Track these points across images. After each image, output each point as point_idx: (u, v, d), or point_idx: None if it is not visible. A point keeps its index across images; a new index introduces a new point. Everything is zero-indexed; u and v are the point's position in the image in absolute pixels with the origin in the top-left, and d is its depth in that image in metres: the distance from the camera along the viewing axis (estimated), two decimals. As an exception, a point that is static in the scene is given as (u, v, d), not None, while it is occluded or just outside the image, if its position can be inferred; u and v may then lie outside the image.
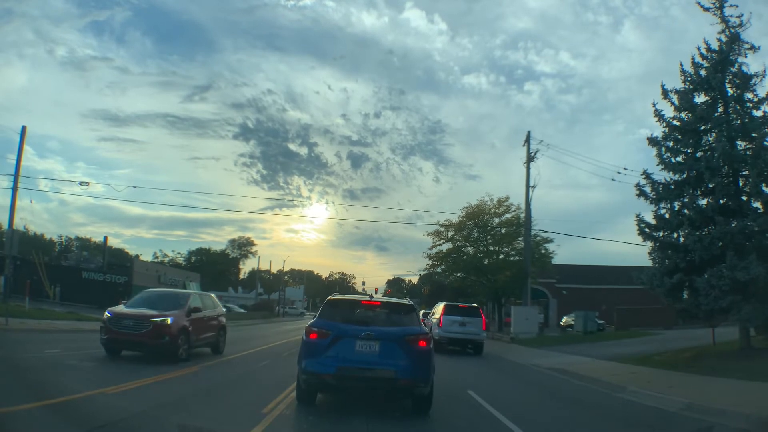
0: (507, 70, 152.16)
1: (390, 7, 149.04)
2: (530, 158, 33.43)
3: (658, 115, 18.69)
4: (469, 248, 41.89)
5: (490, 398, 10.46)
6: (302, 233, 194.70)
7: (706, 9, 18.42)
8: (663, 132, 18.69)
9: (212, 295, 18.00)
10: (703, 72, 18.14)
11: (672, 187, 18.21)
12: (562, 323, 47.59)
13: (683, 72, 18.52)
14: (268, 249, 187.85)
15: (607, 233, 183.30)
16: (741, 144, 17.47)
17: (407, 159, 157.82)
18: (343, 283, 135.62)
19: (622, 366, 16.66)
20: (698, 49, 18.40)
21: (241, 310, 63.21)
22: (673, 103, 18.66)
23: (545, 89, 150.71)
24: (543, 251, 39.07)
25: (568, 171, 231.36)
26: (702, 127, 17.99)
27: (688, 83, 18.44)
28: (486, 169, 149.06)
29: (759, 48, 17.95)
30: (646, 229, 18.63)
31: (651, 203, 18.68)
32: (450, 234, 41.62)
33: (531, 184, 33.44)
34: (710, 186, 17.43)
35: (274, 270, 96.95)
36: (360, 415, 8.24)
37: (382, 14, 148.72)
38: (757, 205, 17.07)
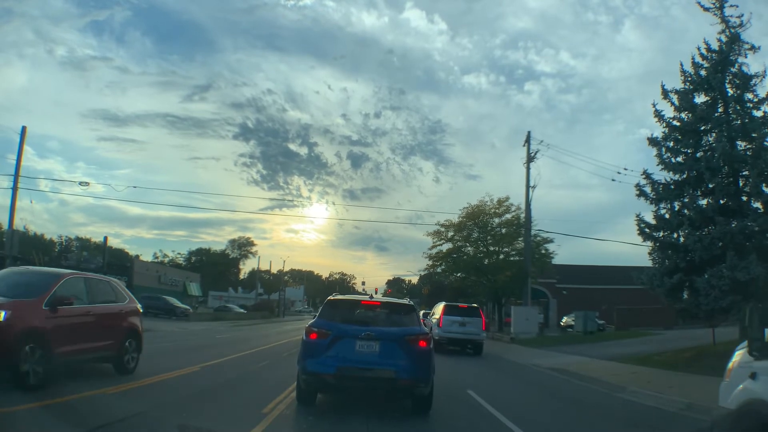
0: (507, 69, 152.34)
1: (390, 7, 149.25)
2: (530, 158, 33.47)
3: (658, 115, 18.72)
4: (469, 248, 41.92)
5: (490, 398, 10.46)
6: (302, 233, 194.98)
7: (707, 9, 18.45)
8: (663, 132, 18.73)
9: (114, 280, 11.87)
10: (703, 72, 18.15)
11: (672, 187, 18.23)
12: (562, 323, 47.60)
13: (683, 72, 18.54)
14: (268, 249, 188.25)
15: (607, 233, 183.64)
16: (741, 144, 17.49)
17: (407, 159, 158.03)
18: (343, 283, 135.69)
19: (622, 366, 16.66)
20: (698, 49, 18.45)
21: (241, 310, 63.33)
22: (673, 104, 18.68)
23: (545, 89, 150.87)
24: (543, 251, 39.09)
25: (568, 171, 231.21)
26: (702, 128, 18.00)
27: (688, 83, 18.46)
28: (486, 169, 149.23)
29: (759, 48, 17.99)
30: (646, 229, 18.64)
31: (651, 203, 18.70)
32: (450, 234, 41.66)
33: (531, 184, 33.51)
34: (710, 186, 17.44)
35: (274, 270, 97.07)
36: (360, 415, 8.24)
37: (382, 14, 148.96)
38: (758, 205, 17.09)
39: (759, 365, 4.90)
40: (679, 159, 18.30)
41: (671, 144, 18.50)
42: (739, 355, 5.30)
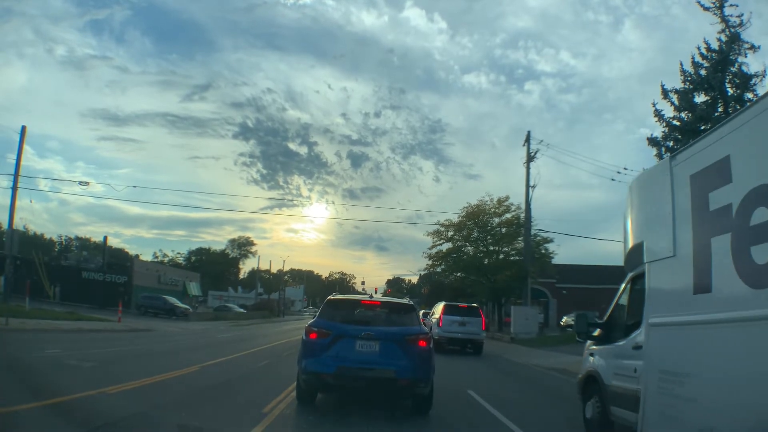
0: (507, 69, 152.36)
1: (390, 5, 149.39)
2: (530, 158, 33.48)
3: (658, 115, 18.72)
4: (469, 248, 41.92)
5: (490, 398, 10.46)
6: (302, 233, 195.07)
7: (707, 9, 18.42)
8: (663, 132, 18.73)
9: None
10: (703, 72, 18.15)
11: (672, 187, 18.21)
12: (562, 323, 47.57)
13: (683, 72, 18.54)
14: (268, 249, 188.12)
15: (607, 233, 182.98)
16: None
17: (407, 158, 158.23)
18: (343, 282, 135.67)
19: (622, 366, 16.64)
20: (698, 48, 18.45)
21: (241, 310, 63.28)
22: (673, 103, 18.67)
23: (545, 88, 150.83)
24: (543, 251, 39.06)
25: (568, 171, 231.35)
26: (702, 127, 17.97)
27: (688, 83, 18.45)
28: (486, 169, 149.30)
29: (759, 47, 17.98)
30: (646, 229, 18.63)
31: (651, 203, 18.68)
32: (450, 234, 41.66)
33: (531, 183, 33.53)
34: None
35: (274, 270, 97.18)
36: (360, 415, 8.25)
37: (382, 13, 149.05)
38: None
39: (594, 348, 7.32)
40: (679, 159, 18.30)
41: (671, 144, 18.49)
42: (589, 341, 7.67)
